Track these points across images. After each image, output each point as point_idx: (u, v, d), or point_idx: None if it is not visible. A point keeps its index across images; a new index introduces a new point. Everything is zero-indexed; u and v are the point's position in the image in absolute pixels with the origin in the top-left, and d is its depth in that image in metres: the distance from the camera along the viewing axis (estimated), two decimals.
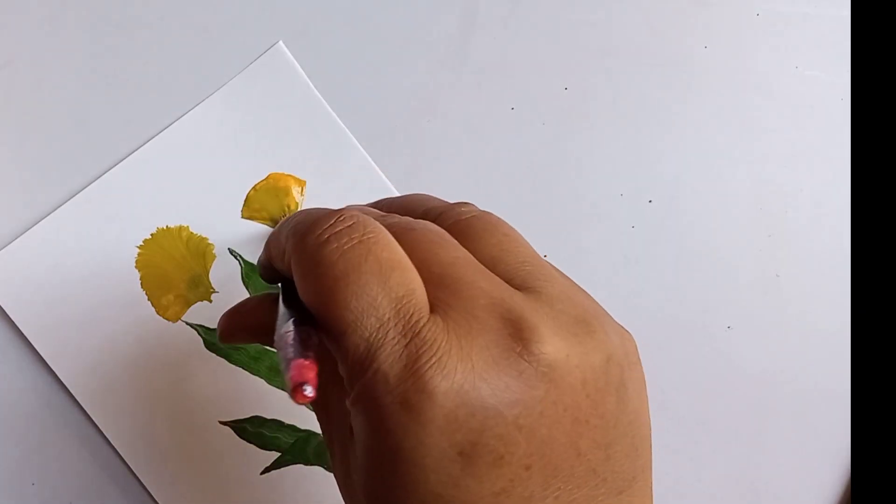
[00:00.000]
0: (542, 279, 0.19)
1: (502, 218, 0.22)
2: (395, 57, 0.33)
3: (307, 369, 0.17)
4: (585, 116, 0.34)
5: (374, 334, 0.17)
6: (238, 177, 0.33)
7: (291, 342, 0.18)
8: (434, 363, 0.17)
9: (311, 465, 0.33)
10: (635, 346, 0.20)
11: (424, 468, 0.17)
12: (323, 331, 0.18)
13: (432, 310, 0.18)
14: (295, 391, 0.16)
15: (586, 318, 0.19)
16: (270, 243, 0.22)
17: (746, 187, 0.34)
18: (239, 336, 0.24)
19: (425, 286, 0.18)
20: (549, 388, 0.17)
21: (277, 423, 0.33)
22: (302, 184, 0.33)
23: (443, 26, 0.33)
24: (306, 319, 0.19)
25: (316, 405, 0.23)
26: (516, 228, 0.22)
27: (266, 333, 0.23)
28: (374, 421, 0.17)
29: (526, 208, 0.34)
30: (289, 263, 0.20)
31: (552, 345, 0.17)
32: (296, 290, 0.21)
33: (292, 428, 0.33)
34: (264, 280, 0.24)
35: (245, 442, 0.33)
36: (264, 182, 0.33)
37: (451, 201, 0.23)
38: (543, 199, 0.34)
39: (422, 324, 0.17)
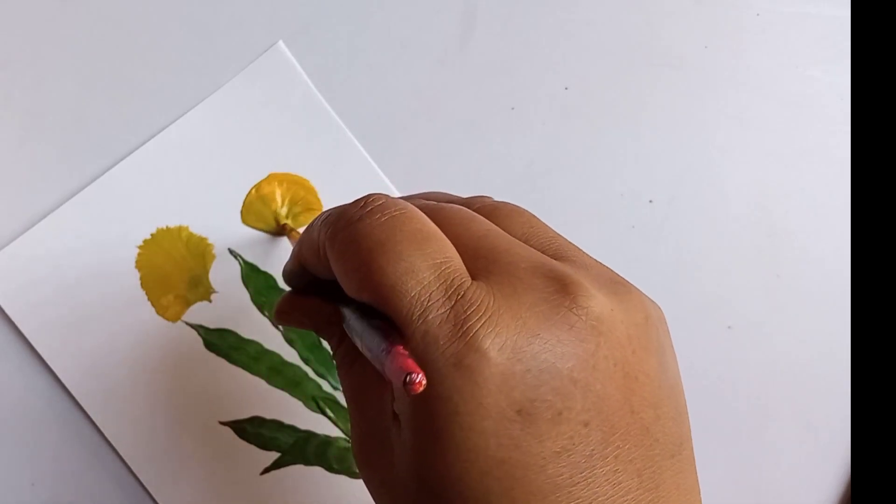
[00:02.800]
0: (571, 250, 0.20)
1: None
2: (395, 57, 0.33)
3: (403, 358, 0.16)
4: (585, 116, 0.34)
5: (418, 296, 0.17)
6: (238, 177, 0.33)
7: (377, 341, 0.17)
8: (484, 322, 0.16)
9: (311, 465, 0.33)
10: (665, 317, 0.20)
11: (484, 432, 0.16)
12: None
13: (473, 277, 0.18)
14: (406, 385, 0.16)
15: (620, 281, 0.19)
16: (302, 244, 0.22)
17: (746, 187, 0.34)
18: (297, 318, 0.23)
19: (462, 258, 0.18)
20: (599, 342, 0.17)
21: (277, 424, 0.33)
22: (300, 184, 0.33)
23: (443, 26, 0.33)
24: (369, 312, 0.18)
25: (351, 402, 0.22)
26: None
27: (321, 320, 0.22)
28: (427, 388, 0.16)
29: (526, 208, 0.34)
30: (325, 257, 0.20)
31: (598, 298, 0.17)
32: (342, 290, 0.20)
33: (292, 428, 0.33)
34: (290, 287, 0.24)
35: (245, 442, 0.33)
36: (250, 194, 0.33)
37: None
38: (543, 199, 0.34)
39: (466, 286, 0.17)
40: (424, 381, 0.16)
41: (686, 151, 0.34)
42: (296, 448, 0.33)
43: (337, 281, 0.19)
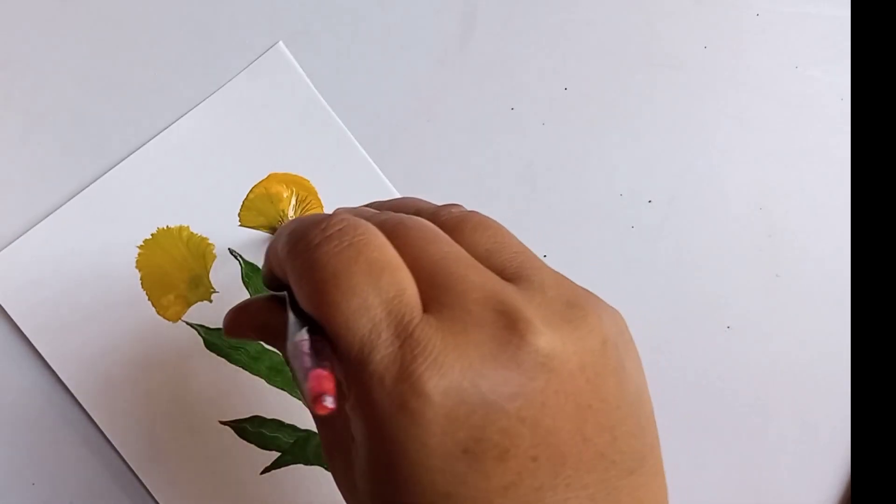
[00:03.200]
0: (533, 268, 0.19)
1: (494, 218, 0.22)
2: (395, 57, 0.33)
3: (325, 379, 0.17)
4: (585, 116, 0.34)
5: (368, 335, 0.17)
6: (238, 177, 0.33)
7: (306, 352, 0.18)
8: (430, 364, 0.17)
9: (311, 464, 0.33)
10: (626, 324, 0.20)
11: (430, 469, 0.17)
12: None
13: (426, 308, 0.18)
14: (315, 402, 0.16)
15: (579, 303, 0.19)
16: (269, 253, 0.22)
17: (746, 187, 0.34)
18: (244, 332, 0.24)
19: (418, 283, 0.18)
20: (549, 378, 0.17)
21: (277, 423, 0.33)
22: (300, 184, 0.33)
23: (443, 26, 0.33)
24: (317, 328, 0.19)
25: (316, 415, 0.23)
26: (515, 230, 0.22)
27: (271, 333, 0.23)
28: (375, 426, 0.17)
29: (526, 208, 0.34)
30: (286, 272, 0.20)
31: (548, 334, 0.17)
32: None
33: (292, 428, 0.33)
34: (268, 289, 0.24)
35: (245, 442, 0.33)
36: (257, 189, 0.33)
37: (445, 202, 0.23)
38: (543, 199, 0.34)
39: (414, 324, 0.17)
40: (332, 406, 0.16)
41: (686, 151, 0.34)
42: (296, 448, 0.33)
43: None
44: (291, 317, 0.20)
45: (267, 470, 0.33)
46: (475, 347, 0.17)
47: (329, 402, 0.16)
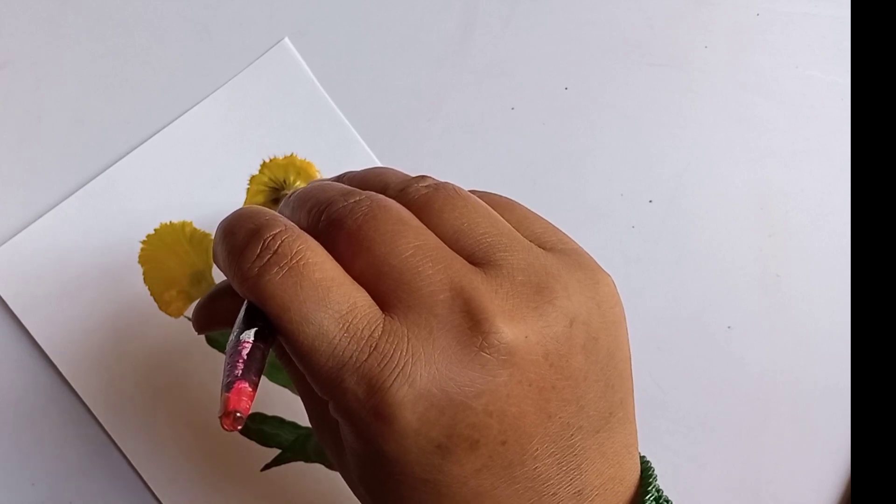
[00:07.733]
0: (502, 250, 0.20)
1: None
2: (396, 56, 0.34)
3: (245, 397, 0.17)
4: (585, 116, 0.34)
5: (332, 358, 0.18)
6: (242, 172, 0.33)
7: (243, 357, 0.18)
8: (398, 374, 0.17)
9: (312, 462, 0.33)
10: (610, 288, 0.21)
11: (409, 463, 0.18)
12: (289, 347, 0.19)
13: (393, 308, 0.18)
14: (226, 416, 0.17)
15: (548, 284, 0.19)
16: (216, 255, 0.21)
17: (746, 187, 0.34)
18: (214, 327, 0.24)
19: (386, 283, 0.19)
20: (511, 372, 0.18)
21: (278, 420, 0.33)
22: (303, 170, 0.33)
23: (443, 26, 0.34)
24: (265, 327, 0.19)
25: (305, 398, 0.23)
26: None
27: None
28: (354, 429, 0.18)
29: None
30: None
31: (510, 331, 0.18)
32: None
33: (293, 425, 0.33)
34: None
35: (246, 439, 0.33)
36: (258, 178, 0.33)
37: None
38: (543, 199, 0.34)
39: (377, 336, 0.18)
40: (240, 427, 0.17)
41: (686, 151, 0.34)
42: (296, 445, 0.33)
43: None
44: (243, 310, 0.20)
45: (267, 467, 0.33)
46: (441, 352, 0.18)
47: (239, 423, 0.17)
